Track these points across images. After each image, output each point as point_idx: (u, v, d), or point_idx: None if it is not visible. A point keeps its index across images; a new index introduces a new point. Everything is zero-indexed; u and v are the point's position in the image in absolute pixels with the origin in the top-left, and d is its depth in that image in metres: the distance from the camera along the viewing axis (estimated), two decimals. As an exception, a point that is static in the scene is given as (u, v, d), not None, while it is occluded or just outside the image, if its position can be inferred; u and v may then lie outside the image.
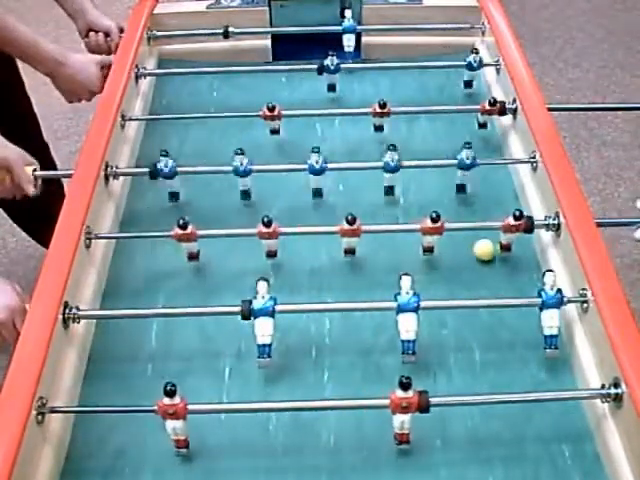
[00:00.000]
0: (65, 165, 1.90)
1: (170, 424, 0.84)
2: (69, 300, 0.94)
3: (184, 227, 1.05)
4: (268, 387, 0.95)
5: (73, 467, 0.87)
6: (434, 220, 1.04)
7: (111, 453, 0.88)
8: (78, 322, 0.95)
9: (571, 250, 0.99)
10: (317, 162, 1.16)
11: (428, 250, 1.09)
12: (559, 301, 0.94)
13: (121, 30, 1.54)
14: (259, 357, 0.94)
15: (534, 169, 1.18)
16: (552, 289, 0.95)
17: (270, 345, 0.94)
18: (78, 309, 0.95)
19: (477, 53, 1.39)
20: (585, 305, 0.95)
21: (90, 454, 0.88)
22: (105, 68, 1.42)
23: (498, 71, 1.42)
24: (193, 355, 0.99)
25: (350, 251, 1.09)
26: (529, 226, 1.06)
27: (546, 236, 1.09)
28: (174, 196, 1.20)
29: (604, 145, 2.68)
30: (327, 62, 1.40)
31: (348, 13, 1.48)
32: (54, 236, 0.99)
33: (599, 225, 1.01)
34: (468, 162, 1.17)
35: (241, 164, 1.16)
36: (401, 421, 0.84)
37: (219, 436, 0.89)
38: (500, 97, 1.38)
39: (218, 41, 1.53)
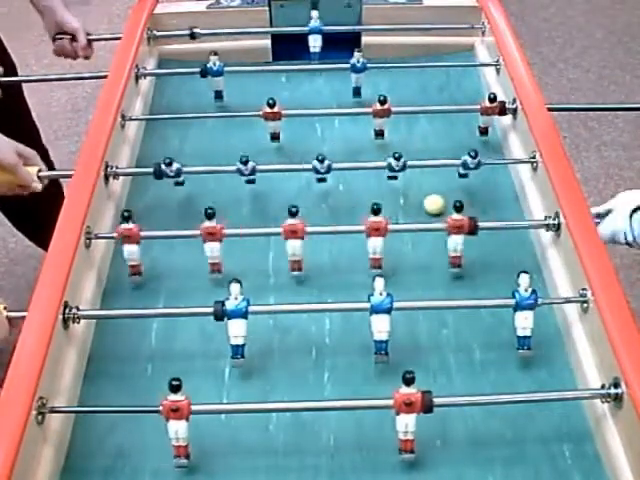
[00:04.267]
0: (65, 165, 1.89)
1: (173, 426, 0.83)
2: (69, 300, 0.94)
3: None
4: (268, 387, 0.95)
5: (73, 467, 0.87)
6: (375, 212, 1.03)
7: (111, 453, 0.88)
8: (78, 322, 0.95)
9: (571, 250, 0.99)
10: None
11: None
12: (534, 303, 0.94)
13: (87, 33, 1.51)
14: (232, 357, 0.94)
15: (534, 169, 1.18)
16: (526, 290, 0.94)
17: (243, 346, 0.94)
18: (78, 309, 0.95)
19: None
20: (585, 305, 0.95)
21: (90, 454, 0.88)
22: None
23: (498, 71, 1.42)
24: (193, 355, 0.99)
25: (298, 268, 1.07)
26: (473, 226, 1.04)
27: (546, 236, 1.09)
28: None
29: (604, 145, 2.68)
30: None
31: (315, 14, 1.47)
32: (54, 236, 0.99)
33: (599, 225, 1.01)
34: (472, 166, 1.18)
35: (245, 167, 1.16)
36: (405, 423, 0.83)
37: (219, 436, 0.89)
38: (500, 97, 1.38)
39: (218, 41, 1.53)
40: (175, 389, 0.83)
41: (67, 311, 0.93)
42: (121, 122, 1.28)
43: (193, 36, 1.48)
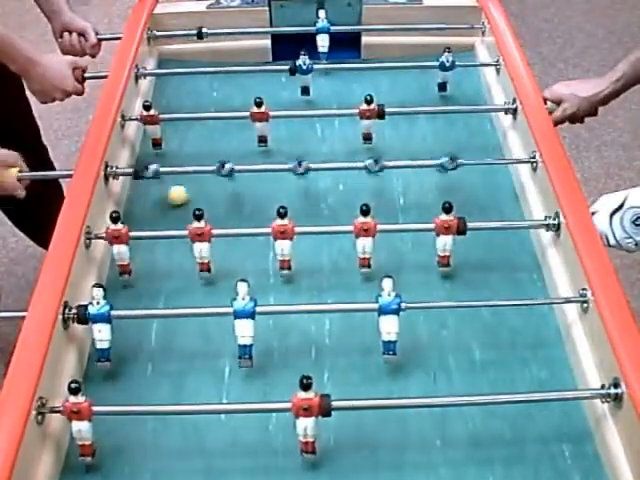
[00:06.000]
0: (65, 165, 1.90)
1: (75, 426, 0.84)
2: (69, 300, 0.94)
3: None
4: (268, 387, 0.95)
5: (73, 467, 0.87)
6: (365, 213, 1.02)
7: (111, 453, 0.88)
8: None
9: (571, 250, 0.98)
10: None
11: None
12: (397, 307, 0.92)
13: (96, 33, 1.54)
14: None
15: (534, 169, 1.18)
16: (389, 295, 0.93)
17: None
18: (78, 309, 0.95)
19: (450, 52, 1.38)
20: (585, 305, 0.95)
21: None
22: (78, 69, 1.43)
23: (498, 71, 1.42)
24: (193, 355, 0.99)
25: (286, 266, 1.06)
26: (462, 226, 1.03)
27: (546, 236, 1.09)
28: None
29: (604, 145, 2.68)
30: (299, 62, 1.38)
31: (322, 13, 1.47)
32: (54, 236, 0.99)
33: (599, 225, 1.01)
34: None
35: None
36: (304, 427, 0.83)
37: (219, 436, 0.89)
38: (500, 97, 1.38)
39: (218, 41, 1.53)
40: (74, 391, 0.82)
41: (67, 311, 0.93)
42: (121, 122, 1.28)
43: (200, 36, 1.48)
